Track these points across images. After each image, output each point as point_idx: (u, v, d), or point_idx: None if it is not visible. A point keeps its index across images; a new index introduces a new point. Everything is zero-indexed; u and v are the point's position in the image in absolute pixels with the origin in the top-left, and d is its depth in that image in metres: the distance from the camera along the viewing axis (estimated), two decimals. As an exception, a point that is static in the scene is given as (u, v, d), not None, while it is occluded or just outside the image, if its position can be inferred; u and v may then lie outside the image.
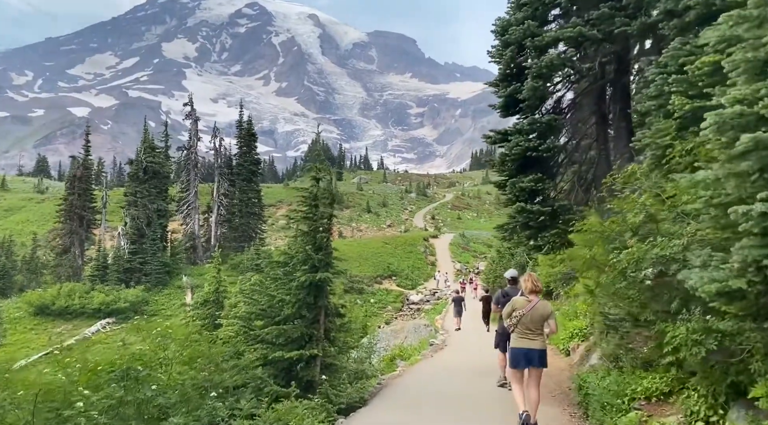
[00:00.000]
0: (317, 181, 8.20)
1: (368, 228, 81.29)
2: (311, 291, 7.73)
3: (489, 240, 77.17)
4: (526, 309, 6.43)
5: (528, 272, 7.80)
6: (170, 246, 48.08)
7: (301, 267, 7.86)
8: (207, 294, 14.24)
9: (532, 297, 6.56)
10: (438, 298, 50.38)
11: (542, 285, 7.05)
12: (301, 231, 8.08)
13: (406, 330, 21.79)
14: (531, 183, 9.21)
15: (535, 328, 6.41)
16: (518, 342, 6.46)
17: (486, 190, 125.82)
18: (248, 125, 54.08)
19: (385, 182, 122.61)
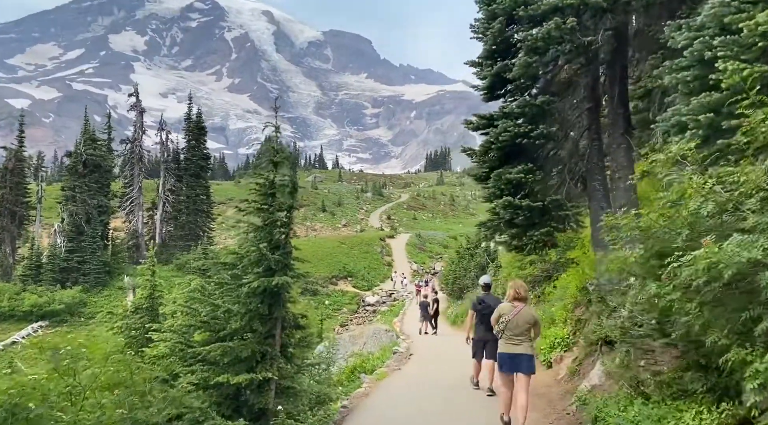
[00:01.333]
0: (275, 166, 6.78)
1: (323, 228, 79.57)
2: (265, 300, 6.30)
3: (444, 240, 76.80)
4: (512, 315, 6.69)
5: (512, 280, 7.78)
6: (112, 245, 45.19)
7: (254, 269, 6.43)
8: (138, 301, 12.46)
9: (517, 304, 6.79)
10: (395, 300, 49.27)
11: (527, 293, 7.22)
12: (254, 226, 6.63)
13: (365, 336, 20.45)
14: (520, 174, 8.02)
15: (520, 334, 6.67)
16: (505, 348, 6.74)
17: (441, 190, 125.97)
18: (198, 118, 51.60)
19: (340, 181, 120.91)
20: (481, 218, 15.20)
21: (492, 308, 8.61)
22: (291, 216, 6.66)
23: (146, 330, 9.05)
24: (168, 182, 49.65)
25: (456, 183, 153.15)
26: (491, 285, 10.35)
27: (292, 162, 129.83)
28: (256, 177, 6.65)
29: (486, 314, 8.98)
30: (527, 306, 6.93)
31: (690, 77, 5.14)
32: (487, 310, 8.96)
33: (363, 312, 48.37)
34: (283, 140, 7.47)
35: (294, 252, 6.88)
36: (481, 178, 9.64)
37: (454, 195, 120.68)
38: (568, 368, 9.42)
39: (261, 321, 6.33)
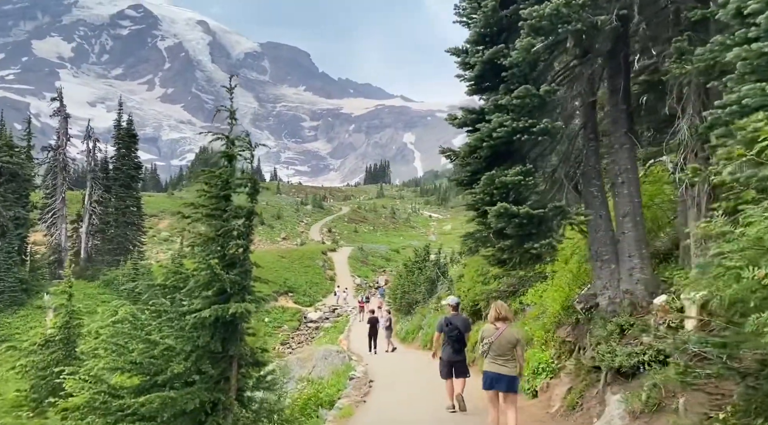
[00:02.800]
0: (229, 160, 5.33)
1: (261, 241, 76.76)
2: (218, 333, 4.85)
3: (387, 253, 75.80)
4: (494, 336, 6.78)
5: (494, 302, 7.49)
6: (30, 260, 41.31)
7: (203, 293, 4.97)
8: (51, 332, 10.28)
9: (499, 325, 6.88)
10: (338, 315, 47.63)
11: (509, 313, 7.27)
12: (205, 238, 5.13)
13: (315, 358, 18.85)
14: (518, 177, 6.84)
15: (503, 354, 6.75)
16: (489, 367, 6.85)
17: (381, 203, 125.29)
18: (128, 125, 48.44)
19: (279, 193, 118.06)
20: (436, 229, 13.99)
21: (458, 329, 9.04)
22: (251, 225, 5.21)
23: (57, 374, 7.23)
24: (95, 193, 46.16)
25: (396, 196, 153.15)
26: (459, 305, 10.13)
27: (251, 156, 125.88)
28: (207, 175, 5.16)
29: (452, 336, 9.06)
30: (509, 327, 7.00)
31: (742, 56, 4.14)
32: (454, 332, 9.04)
33: (305, 328, 46.43)
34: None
35: (254, 270, 5.40)
36: (464, 182, 8.40)
37: (395, 207, 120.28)
38: (564, 400, 8.30)
39: (212, 361, 4.86)
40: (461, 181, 8.66)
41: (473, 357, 15.56)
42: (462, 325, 9.21)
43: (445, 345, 9.21)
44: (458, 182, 8.82)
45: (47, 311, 38.39)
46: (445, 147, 9.17)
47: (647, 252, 7.90)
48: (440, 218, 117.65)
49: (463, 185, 8.66)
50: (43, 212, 45.05)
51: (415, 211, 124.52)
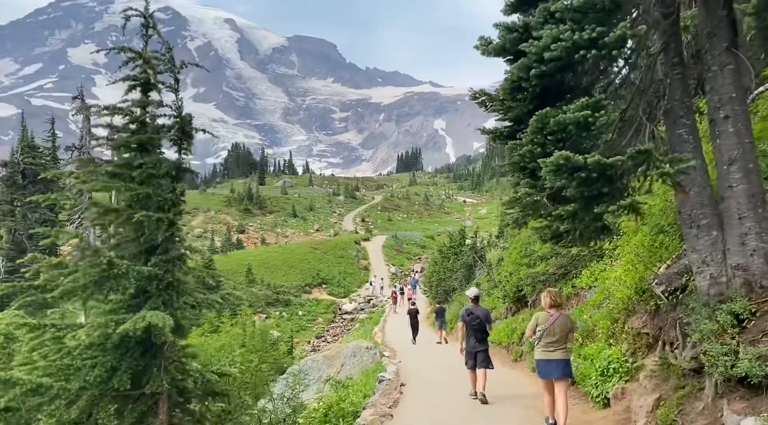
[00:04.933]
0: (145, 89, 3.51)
1: (295, 234, 75.82)
2: (127, 360, 3.00)
3: (422, 241, 73.86)
4: (548, 323, 6.73)
5: (547, 289, 7.33)
6: (60, 263, 40.90)
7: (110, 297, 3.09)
8: None
9: (552, 312, 6.83)
10: (374, 306, 46.06)
11: (562, 300, 7.24)
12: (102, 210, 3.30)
13: (343, 356, 17.12)
14: (583, 112, 4.76)
15: (557, 341, 6.72)
16: (542, 355, 6.79)
17: (414, 191, 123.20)
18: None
19: (311, 186, 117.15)
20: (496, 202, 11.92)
21: (480, 319, 9.21)
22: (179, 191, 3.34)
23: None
24: (121, 191, 45.44)
25: (429, 182, 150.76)
26: (480, 297, 10.27)
27: (259, 172, 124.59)
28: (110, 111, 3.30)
29: (474, 325, 9.21)
30: (563, 314, 6.89)
31: None
32: (476, 321, 9.20)
33: (340, 321, 45.07)
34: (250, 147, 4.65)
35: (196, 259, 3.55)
36: (503, 135, 6.33)
37: (428, 194, 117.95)
38: (651, 414, 6.24)
39: (119, 404, 2.99)
40: (500, 133, 6.63)
41: (520, 350, 13.60)
42: (483, 315, 9.31)
43: (468, 335, 9.35)
44: (496, 135, 6.77)
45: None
46: (478, 91, 7.11)
47: (766, 212, 5.74)
48: (475, 203, 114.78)
49: (503, 138, 6.62)
50: (72, 213, 44.58)
51: (449, 197, 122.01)
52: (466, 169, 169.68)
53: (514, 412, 8.28)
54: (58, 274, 3.56)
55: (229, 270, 46.00)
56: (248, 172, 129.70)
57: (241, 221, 75.10)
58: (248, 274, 45.41)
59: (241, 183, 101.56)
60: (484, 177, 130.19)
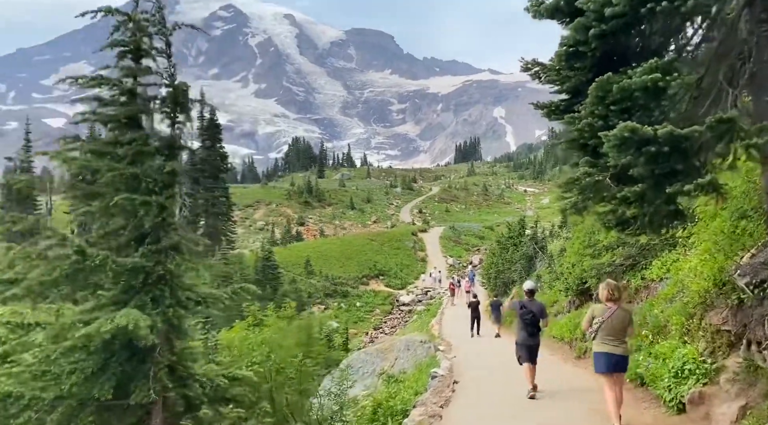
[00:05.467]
0: (136, 57, 3.12)
1: (352, 226, 76.11)
2: (112, 366, 2.61)
3: (480, 232, 72.54)
4: (605, 316, 6.60)
5: (605, 281, 7.03)
6: (128, 255, 42.46)
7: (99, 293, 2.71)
8: None
9: (610, 305, 6.68)
10: (431, 298, 45.53)
11: (621, 293, 6.97)
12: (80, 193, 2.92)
13: (396, 349, 16.70)
14: (652, 75, 4.00)
15: (615, 335, 6.58)
16: (600, 348, 6.67)
17: (472, 181, 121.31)
18: (211, 116, 48.55)
19: (369, 178, 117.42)
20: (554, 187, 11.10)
21: (533, 312, 9.03)
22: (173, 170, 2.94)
23: None
24: (185, 185, 46.69)
25: (488, 172, 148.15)
26: (535, 291, 9.98)
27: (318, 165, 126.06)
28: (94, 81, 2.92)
29: (526, 319, 9.05)
30: (621, 307, 6.75)
31: None
32: (528, 315, 9.05)
33: (398, 312, 44.80)
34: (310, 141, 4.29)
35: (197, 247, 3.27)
36: (559, 108, 5.66)
37: (487, 184, 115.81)
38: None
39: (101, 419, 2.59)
40: (555, 107, 5.94)
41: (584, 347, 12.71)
42: (537, 310, 9.11)
43: (520, 329, 9.21)
44: (551, 110, 6.09)
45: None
46: (529, 61, 6.45)
47: None
48: (536, 192, 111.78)
49: (558, 112, 5.93)
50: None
51: (509, 187, 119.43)
52: (527, 158, 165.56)
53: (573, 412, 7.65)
54: (30, 266, 3.21)
55: (288, 262, 46.55)
56: (308, 166, 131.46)
57: (300, 214, 76.04)
58: (307, 266, 45.80)
59: (301, 176, 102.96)
60: (547, 165, 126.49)
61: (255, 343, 10.22)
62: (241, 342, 10.86)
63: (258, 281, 41.37)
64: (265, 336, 10.93)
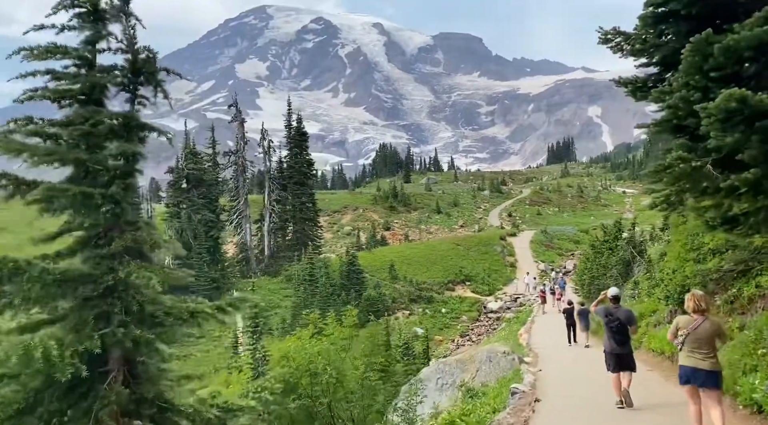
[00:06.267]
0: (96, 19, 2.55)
1: (439, 230, 75.14)
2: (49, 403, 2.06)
3: (575, 235, 69.14)
4: (691, 327, 6.44)
5: (691, 291, 6.77)
6: (221, 260, 44.07)
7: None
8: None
9: (696, 316, 6.50)
10: (521, 305, 43.64)
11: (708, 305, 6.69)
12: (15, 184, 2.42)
13: (478, 360, 15.74)
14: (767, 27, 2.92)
15: (701, 347, 6.39)
16: (685, 361, 6.52)
17: (566, 183, 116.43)
18: (298, 124, 49.58)
19: (456, 182, 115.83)
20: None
21: (619, 320, 8.63)
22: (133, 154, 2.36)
23: None
24: (273, 192, 48.01)
25: (583, 173, 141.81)
26: (620, 298, 9.63)
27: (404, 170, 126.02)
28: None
29: (613, 327, 8.75)
30: (708, 318, 6.48)
31: None
32: (615, 323, 8.73)
33: (485, 319, 43.28)
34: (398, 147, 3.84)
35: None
36: (645, 84, 4.68)
37: (582, 186, 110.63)
38: None
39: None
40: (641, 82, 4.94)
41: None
42: (624, 317, 8.67)
43: (607, 337, 8.88)
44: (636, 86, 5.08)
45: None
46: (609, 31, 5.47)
47: None
48: (636, 193, 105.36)
49: (644, 88, 4.93)
50: (231, 214, 47.98)
51: (606, 188, 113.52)
52: (625, 158, 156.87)
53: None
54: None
55: (372, 267, 46.43)
56: (395, 171, 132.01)
57: (386, 218, 76.11)
58: (391, 270, 45.43)
59: (387, 182, 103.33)
60: (647, 164, 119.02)
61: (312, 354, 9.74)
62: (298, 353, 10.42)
63: (343, 286, 41.56)
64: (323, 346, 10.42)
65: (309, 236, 48.34)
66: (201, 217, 41.10)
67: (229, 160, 47.52)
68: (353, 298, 40.21)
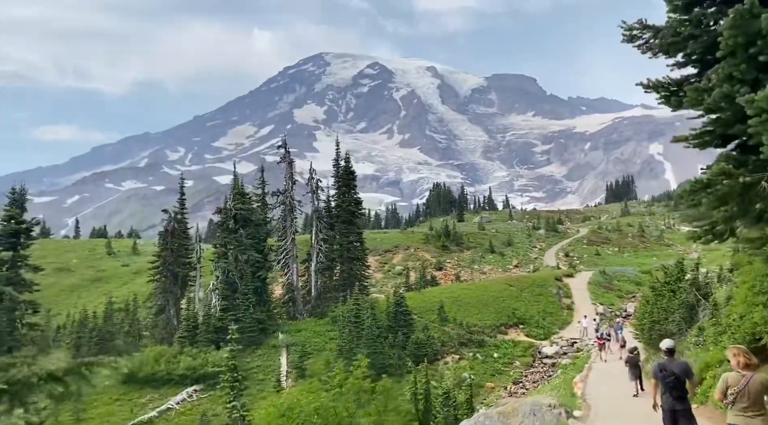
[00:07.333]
0: None
1: (492, 270, 72.98)
2: None
3: (636, 277, 65.56)
4: (741, 385, 6.28)
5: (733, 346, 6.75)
6: (267, 300, 43.81)
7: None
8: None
9: (745, 372, 6.34)
10: (578, 351, 41.11)
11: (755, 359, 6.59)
12: None
13: (522, 414, 14.34)
14: None
15: (752, 406, 6.21)
16: (735, 419, 6.34)
17: (626, 222, 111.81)
18: (346, 164, 49.62)
19: (510, 220, 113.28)
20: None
21: (675, 374, 8.25)
22: None
23: None
24: (320, 231, 47.85)
25: (644, 212, 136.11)
26: (674, 350, 9.19)
27: (458, 209, 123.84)
28: None
29: (668, 382, 8.28)
30: (758, 373, 6.33)
31: None
32: (670, 378, 8.26)
33: (540, 365, 40.93)
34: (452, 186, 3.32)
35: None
36: (677, 84, 3.73)
37: (644, 225, 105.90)
38: None
39: None
40: (671, 83, 4.10)
41: None
42: (680, 370, 8.25)
43: (663, 393, 8.43)
44: (663, 88, 4.23)
45: (281, 350, 39.89)
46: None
47: None
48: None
49: (675, 89, 4.09)
50: (278, 254, 47.99)
51: (670, 227, 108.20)
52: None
53: None
54: None
55: (421, 308, 45.08)
56: (449, 210, 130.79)
57: (438, 258, 74.68)
58: (440, 312, 43.93)
59: (440, 221, 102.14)
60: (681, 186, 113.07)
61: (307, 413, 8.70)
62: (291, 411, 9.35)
63: (390, 327, 40.34)
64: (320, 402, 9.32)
65: (356, 276, 47.61)
66: (247, 257, 41.12)
67: (277, 200, 47.83)
68: (400, 341, 38.90)
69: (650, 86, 4.45)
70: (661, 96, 4.35)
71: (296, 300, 46.17)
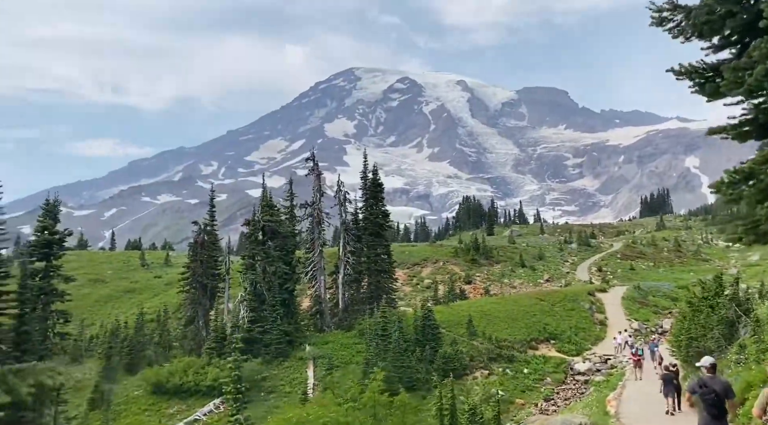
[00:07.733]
0: None
1: (523, 284, 71.73)
2: None
3: (672, 292, 63.59)
4: None
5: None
6: (295, 312, 43.73)
7: None
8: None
9: None
10: (612, 367, 39.87)
11: None
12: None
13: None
14: None
15: None
16: None
17: (662, 236, 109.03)
18: (373, 175, 49.49)
19: (541, 234, 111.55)
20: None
21: (716, 392, 7.90)
22: None
23: None
24: (348, 243, 47.73)
25: (681, 226, 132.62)
26: (716, 366, 8.84)
27: (488, 222, 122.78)
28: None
29: (707, 399, 7.89)
30: None
31: None
32: (710, 395, 7.87)
33: (572, 382, 39.77)
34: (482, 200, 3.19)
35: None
36: (714, 68, 3.30)
37: (680, 239, 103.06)
38: None
39: None
40: (707, 68, 3.77)
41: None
42: (721, 388, 7.90)
43: (701, 410, 8.17)
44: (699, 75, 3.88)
45: (308, 362, 39.68)
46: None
47: None
48: (741, 247, 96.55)
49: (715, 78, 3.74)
50: (306, 266, 47.96)
51: (707, 242, 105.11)
52: (729, 210, 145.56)
53: None
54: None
55: (449, 322, 44.41)
56: (478, 224, 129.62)
57: (467, 271, 73.77)
58: (469, 326, 43.18)
59: (469, 234, 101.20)
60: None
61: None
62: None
63: (417, 341, 39.79)
64: (331, 417, 8.97)
65: (384, 289, 47.23)
66: (275, 269, 41.17)
67: (305, 212, 47.92)
68: (428, 355, 38.30)
69: (682, 72, 4.10)
70: (695, 83, 3.98)
71: (323, 312, 45.98)
